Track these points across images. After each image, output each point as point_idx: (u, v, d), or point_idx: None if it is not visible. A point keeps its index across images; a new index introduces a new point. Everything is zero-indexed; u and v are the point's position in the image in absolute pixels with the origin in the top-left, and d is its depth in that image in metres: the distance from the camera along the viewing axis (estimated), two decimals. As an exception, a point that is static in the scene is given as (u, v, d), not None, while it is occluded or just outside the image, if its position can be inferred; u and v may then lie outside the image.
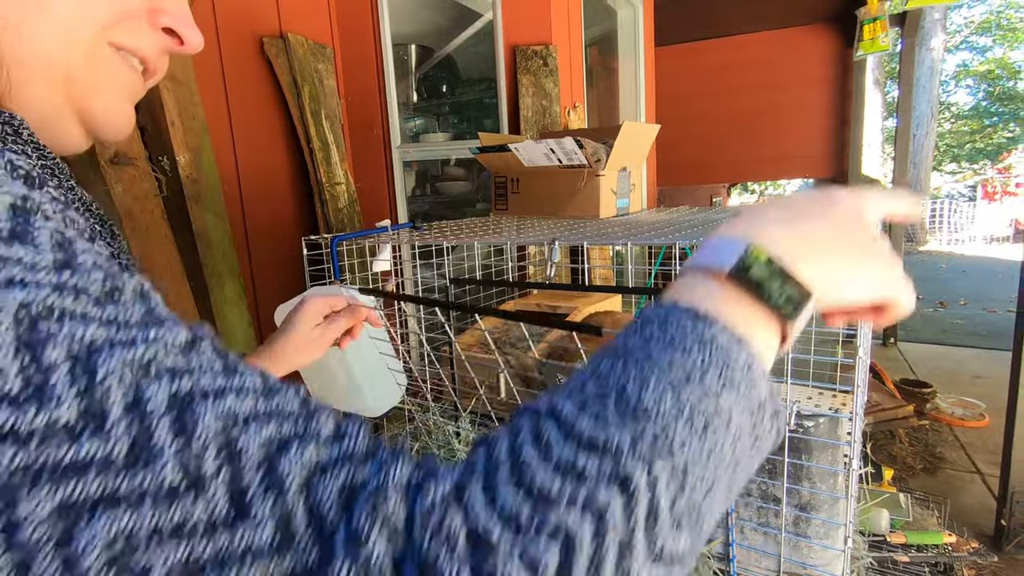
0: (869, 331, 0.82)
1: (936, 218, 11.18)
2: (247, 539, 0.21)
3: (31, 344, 0.20)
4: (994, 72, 16.93)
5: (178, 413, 0.21)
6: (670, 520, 0.25)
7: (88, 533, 0.19)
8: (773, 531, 0.87)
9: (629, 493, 0.24)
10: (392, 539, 0.22)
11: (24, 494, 0.19)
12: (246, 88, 1.78)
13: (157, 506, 0.20)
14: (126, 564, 0.19)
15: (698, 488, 0.26)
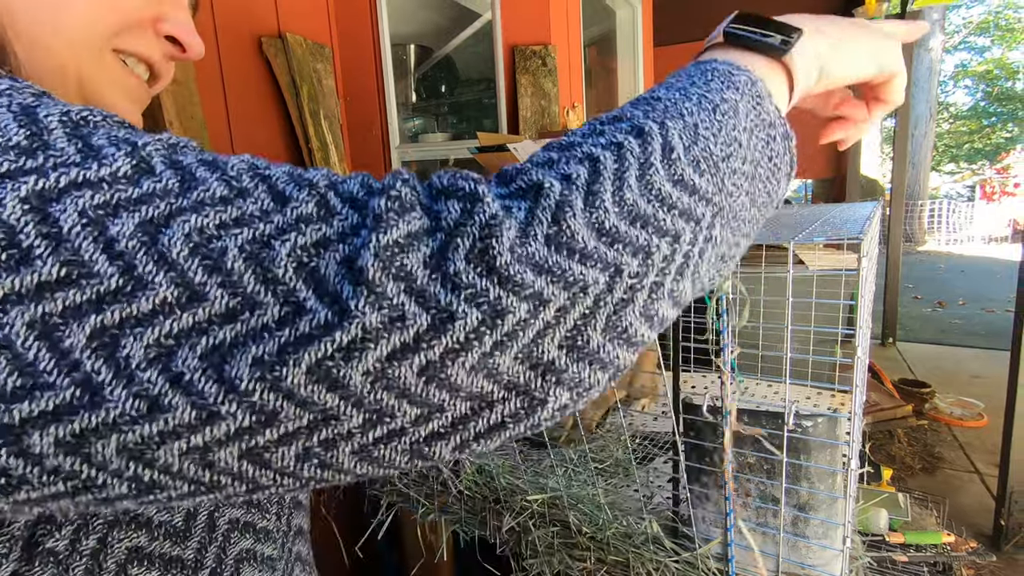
0: (868, 331, 0.82)
1: (935, 218, 11.19)
2: (296, 212, 0.26)
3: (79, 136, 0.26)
4: (992, 72, 16.96)
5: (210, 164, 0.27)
6: (688, 158, 0.29)
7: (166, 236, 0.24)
8: (772, 531, 0.87)
9: (644, 135, 0.29)
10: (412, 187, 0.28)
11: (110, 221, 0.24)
12: (244, 88, 1.78)
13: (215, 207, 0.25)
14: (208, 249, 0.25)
15: (713, 146, 0.30)
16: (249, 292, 0.24)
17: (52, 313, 0.23)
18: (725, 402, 0.83)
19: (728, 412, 0.83)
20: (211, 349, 0.24)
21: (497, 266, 0.25)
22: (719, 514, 0.91)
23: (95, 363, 0.23)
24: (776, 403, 0.87)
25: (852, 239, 0.74)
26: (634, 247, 0.28)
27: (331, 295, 0.24)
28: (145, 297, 0.24)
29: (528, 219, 0.27)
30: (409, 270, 0.25)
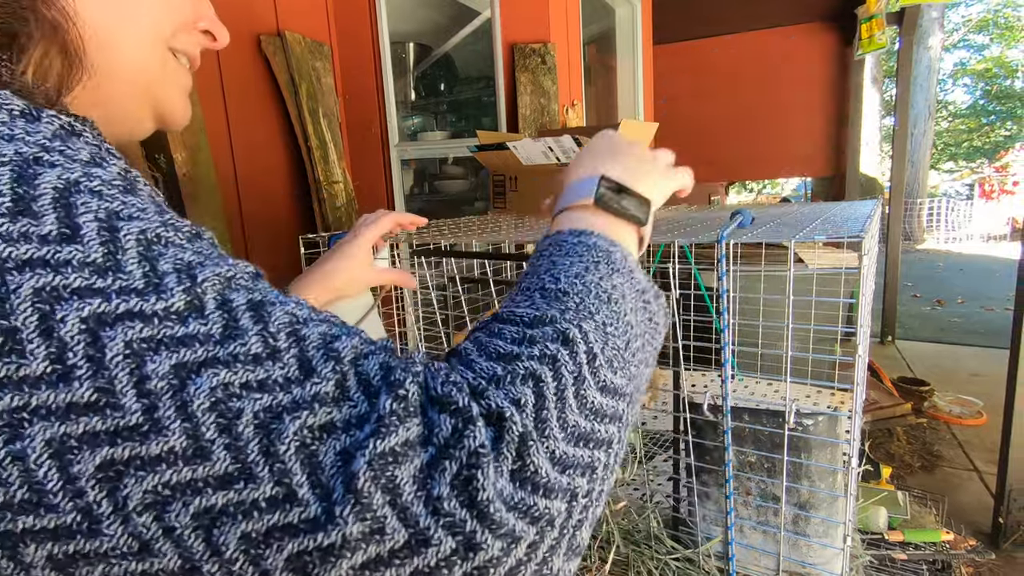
0: (867, 329, 0.82)
1: (934, 216, 11.20)
2: (315, 389, 0.27)
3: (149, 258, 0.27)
4: (991, 70, 16.96)
5: (256, 311, 0.28)
6: (605, 360, 0.33)
7: (194, 385, 0.25)
8: (772, 530, 0.87)
9: (570, 343, 0.32)
10: (420, 388, 0.28)
11: (150, 357, 0.25)
12: (243, 86, 1.77)
13: (245, 365, 0.26)
14: (226, 407, 0.25)
15: (618, 339, 0.35)
16: (249, 462, 0.25)
17: (71, 435, 0.24)
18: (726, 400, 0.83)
19: (729, 410, 0.83)
20: (203, 511, 0.25)
21: (478, 500, 0.26)
22: (720, 512, 0.91)
23: (98, 495, 0.24)
24: (776, 402, 0.87)
25: (853, 237, 0.74)
26: (582, 467, 0.30)
27: (323, 489, 0.25)
28: (156, 441, 0.24)
29: (495, 454, 0.27)
30: (397, 483, 0.26)
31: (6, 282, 0.24)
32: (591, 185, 0.44)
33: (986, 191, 13.85)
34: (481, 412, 0.28)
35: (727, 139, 4.96)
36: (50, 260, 0.25)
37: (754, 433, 0.87)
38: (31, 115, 0.29)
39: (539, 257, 0.41)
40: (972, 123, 17.76)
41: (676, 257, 1.09)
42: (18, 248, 0.25)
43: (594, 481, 0.31)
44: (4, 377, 0.23)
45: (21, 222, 0.25)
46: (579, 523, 0.30)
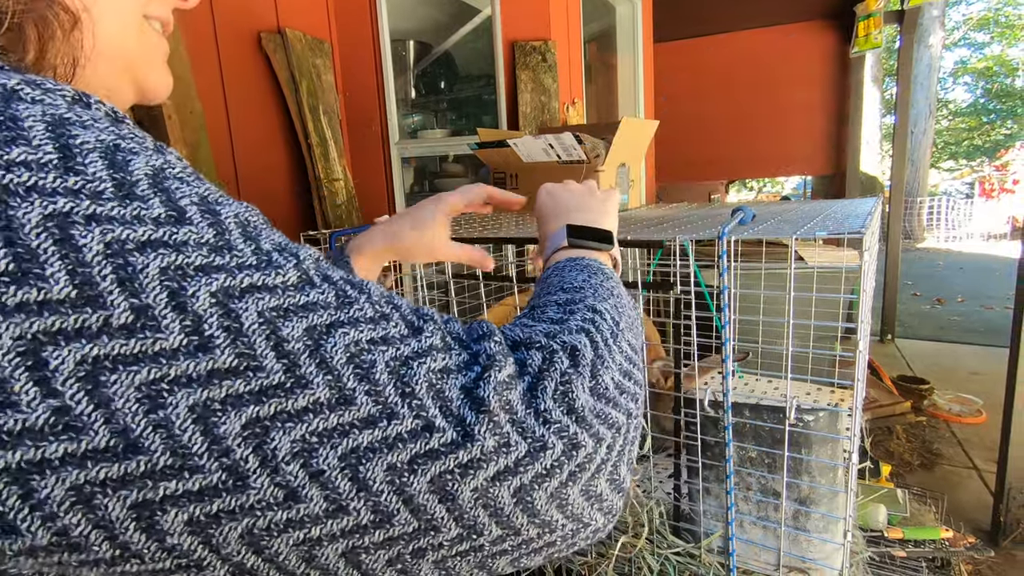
0: (868, 325, 0.82)
1: (934, 215, 11.20)
2: (428, 342, 0.31)
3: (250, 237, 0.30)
4: (992, 69, 16.94)
5: (352, 284, 0.32)
6: (625, 326, 0.41)
7: (328, 344, 0.28)
8: (773, 525, 0.87)
9: (599, 313, 0.40)
10: (501, 336, 0.34)
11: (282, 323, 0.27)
12: (244, 83, 1.77)
13: (367, 325, 0.30)
14: (361, 360, 0.29)
15: (626, 318, 0.43)
16: (390, 403, 0.28)
17: (214, 399, 0.25)
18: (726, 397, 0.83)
19: (729, 406, 0.83)
20: (350, 450, 0.27)
21: (576, 407, 0.33)
22: (721, 508, 0.91)
23: (244, 451, 0.26)
24: (777, 398, 0.87)
25: (854, 234, 0.74)
26: (630, 395, 0.37)
27: (456, 417, 0.29)
28: (302, 395, 0.27)
29: (577, 373, 0.34)
30: (513, 405, 0.31)
31: (130, 263, 0.25)
32: (561, 234, 0.55)
33: (986, 190, 13.84)
34: (561, 346, 0.35)
35: (727, 137, 4.96)
36: (169, 241, 0.26)
37: (754, 429, 0.87)
38: (83, 101, 0.29)
39: (547, 279, 0.49)
40: (972, 121, 17.75)
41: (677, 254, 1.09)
42: (135, 231, 0.26)
43: (638, 408, 0.38)
44: (140, 352, 0.25)
45: (131, 206, 0.26)
46: (633, 440, 0.36)
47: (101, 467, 0.24)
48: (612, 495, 0.34)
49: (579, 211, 0.59)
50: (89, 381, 0.24)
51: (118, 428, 0.24)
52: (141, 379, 0.25)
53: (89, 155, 0.26)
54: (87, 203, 0.25)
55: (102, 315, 0.24)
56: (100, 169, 0.26)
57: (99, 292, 0.24)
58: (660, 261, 1.70)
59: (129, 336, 0.25)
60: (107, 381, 0.24)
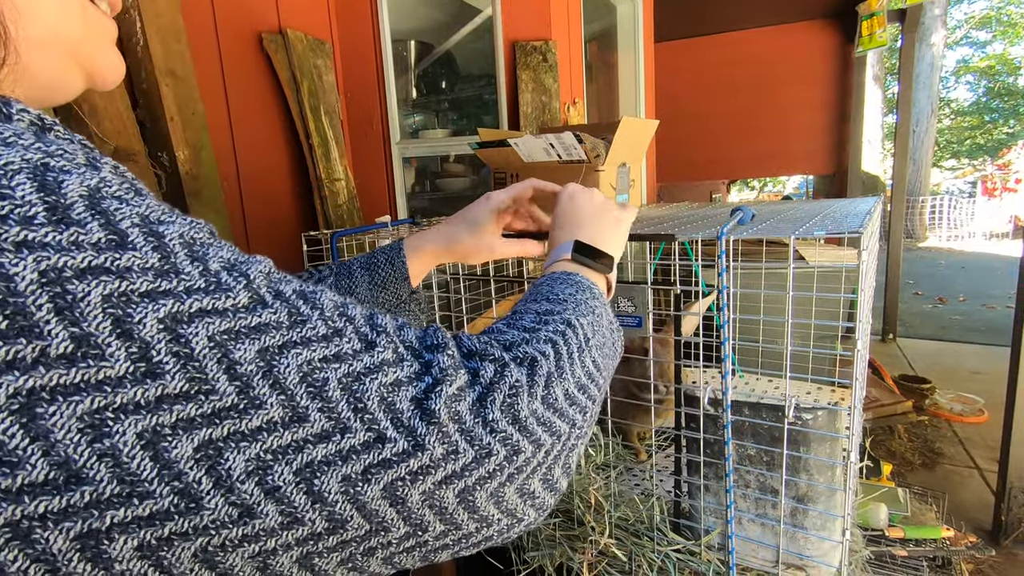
0: (868, 324, 0.82)
1: (936, 214, 11.17)
2: (380, 357, 0.32)
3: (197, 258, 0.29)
4: (994, 68, 16.90)
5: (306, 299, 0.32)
6: (594, 344, 0.44)
7: (281, 365, 0.29)
8: (771, 522, 0.88)
9: (573, 327, 0.43)
10: (456, 347, 0.36)
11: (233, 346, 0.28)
12: (245, 84, 1.77)
13: (319, 343, 0.30)
14: (313, 378, 0.29)
15: (599, 337, 0.46)
16: (343, 418, 0.30)
17: (164, 424, 0.26)
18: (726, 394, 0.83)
19: (729, 405, 0.83)
20: (305, 465, 0.28)
21: (520, 417, 0.35)
22: (720, 505, 0.91)
23: (197, 473, 0.26)
24: (776, 397, 0.88)
25: (852, 233, 0.74)
26: (580, 407, 0.40)
27: (406, 428, 0.31)
28: (256, 415, 0.28)
29: (530, 384, 0.37)
30: (461, 415, 0.33)
31: (69, 291, 0.24)
32: (567, 247, 0.58)
33: (988, 189, 13.80)
34: (515, 359, 0.38)
35: (729, 137, 4.96)
36: (111, 268, 0.26)
37: (753, 427, 0.88)
38: (2, 112, 0.28)
39: (537, 286, 0.51)
40: (974, 120, 17.70)
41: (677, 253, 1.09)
42: (74, 258, 0.25)
43: (585, 420, 0.40)
44: (82, 381, 0.24)
45: (68, 231, 0.25)
46: (572, 447, 0.39)
47: (40, 500, 0.23)
48: (545, 494, 0.37)
49: (592, 226, 0.61)
50: (24, 414, 0.23)
51: (58, 460, 0.24)
52: (84, 409, 0.24)
53: (15, 177, 0.25)
54: (17, 229, 0.24)
55: (38, 345, 0.24)
56: (29, 192, 0.25)
57: (34, 322, 0.24)
58: (661, 260, 1.70)
59: (69, 366, 0.24)
60: (45, 413, 0.23)
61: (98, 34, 0.40)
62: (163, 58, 1.44)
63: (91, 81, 0.41)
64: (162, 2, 1.44)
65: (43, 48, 0.35)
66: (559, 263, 0.57)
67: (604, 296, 0.53)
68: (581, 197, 0.64)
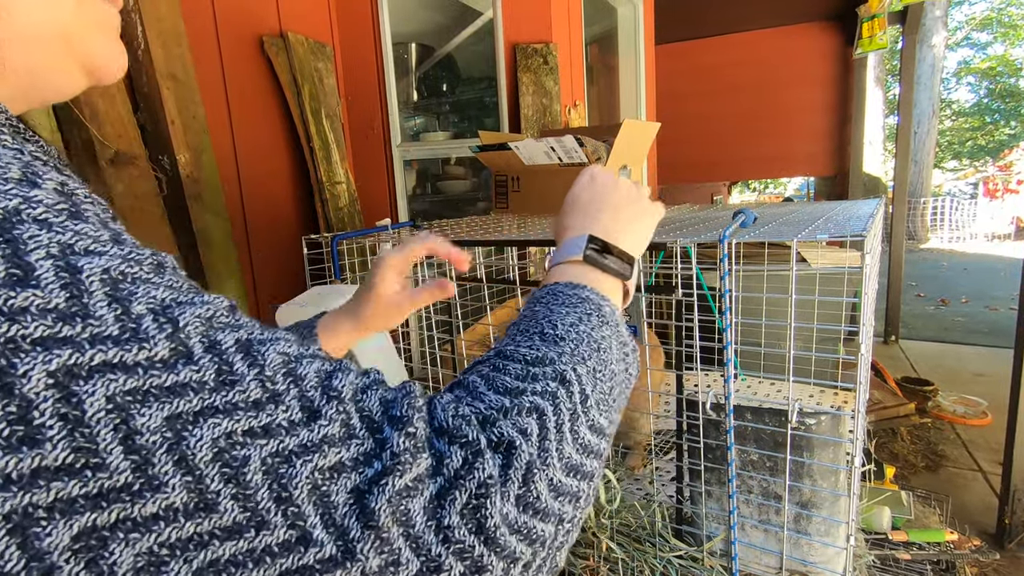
0: (871, 327, 0.81)
1: (937, 216, 11.16)
2: (322, 432, 0.26)
3: (119, 300, 0.25)
4: (995, 69, 16.89)
5: (247, 352, 0.27)
6: (594, 402, 0.36)
7: (192, 438, 0.24)
8: (774, 528, 0.87)
9: (567, 383, 0.35)
10: (425, 422, 0.29)
11: (137, 410, 0.23)
12: (246, 87, 1.78)
13: (247, 412, 0.25)
14: (231, 456, 0.24)
15: (604, 384, 0.38)
16: (260, 509, 0.24)
17: (38, 505, 0.21)
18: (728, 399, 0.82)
19: (731, 409, 0.83)
20: (207, 565, 0.23)
21: (486, 527, 0.28)
22: (722, 511, 0.91)
23: (74, 567, 0.22)
24: (779, 401, 0.87)
25: (855, 236, 0.74)
26: (571, 496, 0.32)
27: (338, 528, 0.25)
28: (153, 499, 0.23)
29: (503, 479, 0.29)
30: (411, 516, 0.27)
31: None
32: (580, 244, 0.48)
33: (990, 190, 13.78)
34: (490, 442, 0.30)
35: (730, 139, 4.95)
36: (2, 308, 0.22)
37: (756, 432, 0.87)
38: None
39: (536, 303, 0.43)
40: (976, 122, 17.69)
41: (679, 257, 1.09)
42: None
43: (578, 509, 0.33)
44: None
45: None
46: (561, 545, 0.32)
47: None
48: None
49: (612, 215, 0.51)
50: None
51: None
52: None
53: None
54: None
55: None
56: None
57: None
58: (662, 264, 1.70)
59: None
60: None
61: (95, 22, 0.37)
62: (164, 61, 1.44)
63: (91, 75, 0.38)
64: (163, 5, 1.44)
65: (30, 39, 0.33)
66: (566, 266, 0.47)
67: (617, 312, 0.44)
68: (604, 179, 0.54)
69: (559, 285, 0.45)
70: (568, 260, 0.48)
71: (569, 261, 0.47)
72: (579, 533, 1.04)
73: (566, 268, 0.47)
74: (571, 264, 0.47)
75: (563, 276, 0.46)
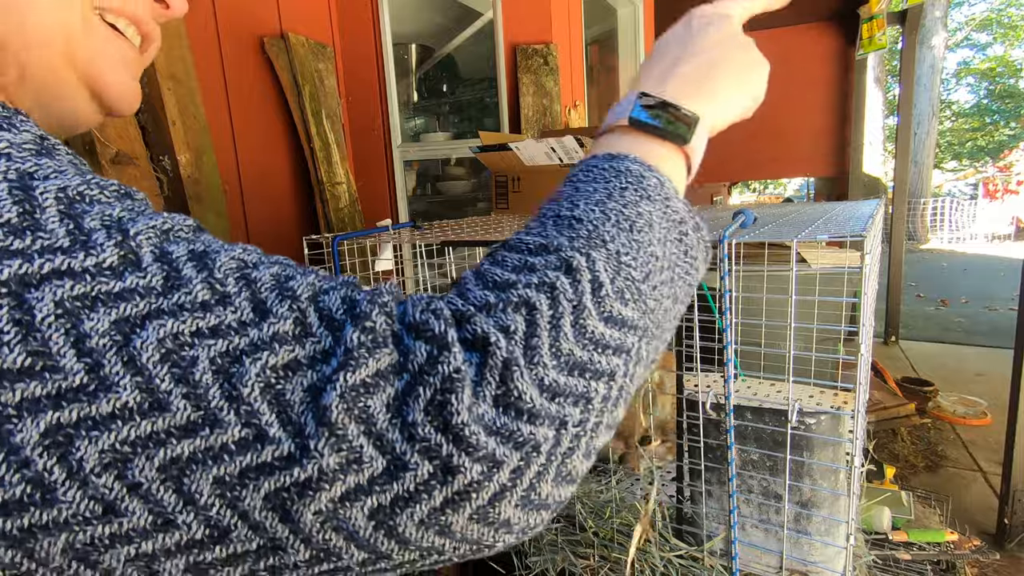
0: (870, 327, 0.82)
1: (937, 216, 11.16)
2: (273, 329, 0.26)
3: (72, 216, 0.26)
4: (995, 70, 16.90)
5: (199, 260, 0.27)
6: (613, 290, 0.31)
7: (139, 339, 0.24)
8: (774, 528, 0.87)
9: (573, 271, 0.30)
10: (389, 316, 0.28)
11: (86, 315, 0.24)
12: (247, 88, 1.78)
13: (193, 313, 0.25)
14: (179, 357, 0.25)
15: (635, 270, 0.32)
16: (212, 407, 0.24)
17: (7, 404, 0.23)
18: (728, 399, 0.83)
19: (732, 409, 0.83)
20: (169, 462, 0.24)
21: (452, 424, 0.26)
22: (723, 510, 0.91)
23: (47, 462, 0.23)
24: (779, 401, 0.87)
25: (855, 236, 0.74)
26: (575, 396, 0.29)
27: (294, 425, 0.25)
28: (107, 399, 0.24)
29: (478, 379, 0.27)
30: (371, 412, 0.25)
31: None
32: (630, 102, 0.40)
33: (990, 191, 13.79)
34: (464, 337, 0.28)
35: (730, 139, 4.91)
36: None
37: (756, 431, 0.87)
38: None
39: (566, 183, 0.38)
40: (976, 122, 17.70)
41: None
42: None
43: (589, 411, 0.30)
44: None
45: None
46: (570, 451, 0.29)
47: None
48: (527, 517, 0.28)
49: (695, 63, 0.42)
50: None
51: None
52: None
53: None
54: None
55: None
56: None
57: None
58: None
59: None
60: None
61: (104, 51, 0.38)
62: (165, 62, 1.44)
63: (102, 102, 0.39)
64: (164, 7, 1.44)
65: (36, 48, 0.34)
66: (608, 134, 0.41)
67: (666, 186, 0.37)
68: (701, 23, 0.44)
69: (595, 158, 0.38)
70: (614, 125, 0.40)
71: (615, 127, 0.40)
72: (579, 531, 1.04)
73: (608, 137, 0.40)
74: (616, 130, 0.40)
75: (603, 147, 0.39)
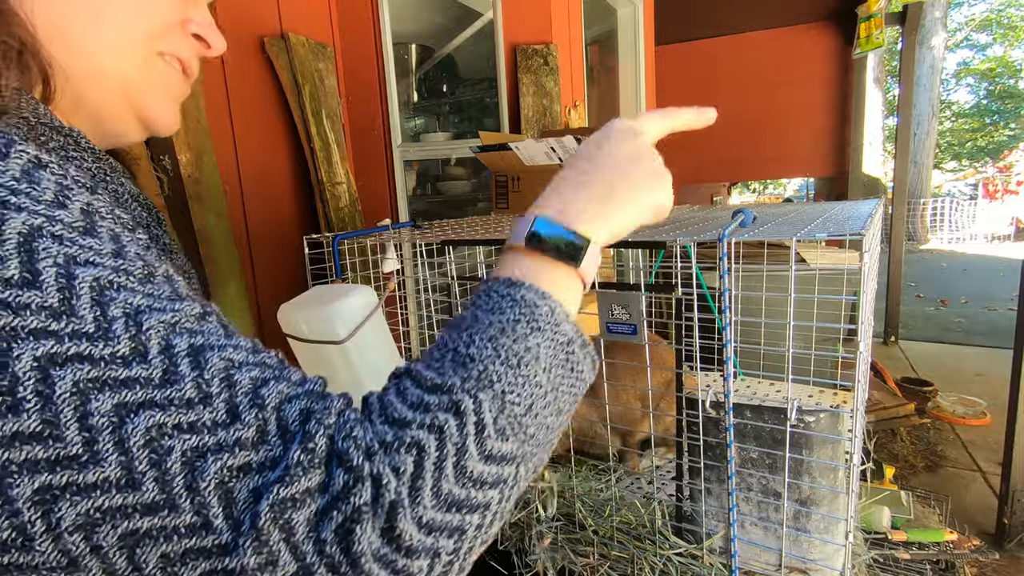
0: (870, 326, 0.82)
1: (937, 216, 11.16)
2: (238, 434, 0.30)
3: (101, 303, 0.30)
4: (995, 70, 16.91)
5: (195, 356, 0.31)
6: (495, 429, 0.34)
7: (131, 424, 0.28)
8: (774, 526, 0.88)
9: (460, 414, 0.34)
10: (329, 440, 0.32)
11: (94, 395, 0.28)
12: (247, 88, 1.78)
13: (179, 409, 0.29)
14: (158, 444, 0.28)
15: (518, 406, 0.36)
16: (174, 493, 0.29)
17: (13, 461, 0.26)
18: (728, 398, 0.83)
19: (731, 408, 0.83)
20: (128, 532, 0.28)
21: (352, 551, 0.30)
22: (722, 508, 0.91)
23: (32, 515, 0.27)
24: (778, 400, 0.87)
25: (854, 235, 0.74)
26: (450, 530, 0.33)
27: (235, 520, 0.29)
28: (93, 471, 0.28)
29: (373, 512, 0.31)
30: (293, 525, 0.30)
31: None
32: (526, 224, 0.42)
33: (990, 191, 13.79)
34: (370, 473, 0.32)
35: (729, 140, 4.96)
36: (11, 302, 0.27)
37: (755, 430, 0.87)
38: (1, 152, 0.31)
39: (469, 306, 0.40)
40: (975, 123, 17.71)
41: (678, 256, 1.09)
42: None
43: (462, 541, 0.34)
44: None
45: None
46: (443, 574, 0.34)
47: None
48: None
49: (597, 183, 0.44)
50: None
51: None
52: None
53: None
54: None
55: None
56: None
57: None
58: (662, 263, 1.70)
59: None
60: None
61: (156, 84, 0.44)
62: (165, 62, 1.44)
63: (145, 127, 0.45)
64: (164, 6, 1.45)
65: (96, 83, 0.40)
66: (509, 252, 0.43)
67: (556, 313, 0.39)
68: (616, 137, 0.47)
69: (496, 284, 0.40)
70: (513, 245, 0.42)
71: (514, 246, 0.42)
72: (579, 530, 1.04)
73: (509, 256, 0.42)
74: (515, 250, 0.42)
75: (506, 268, 0.42)
